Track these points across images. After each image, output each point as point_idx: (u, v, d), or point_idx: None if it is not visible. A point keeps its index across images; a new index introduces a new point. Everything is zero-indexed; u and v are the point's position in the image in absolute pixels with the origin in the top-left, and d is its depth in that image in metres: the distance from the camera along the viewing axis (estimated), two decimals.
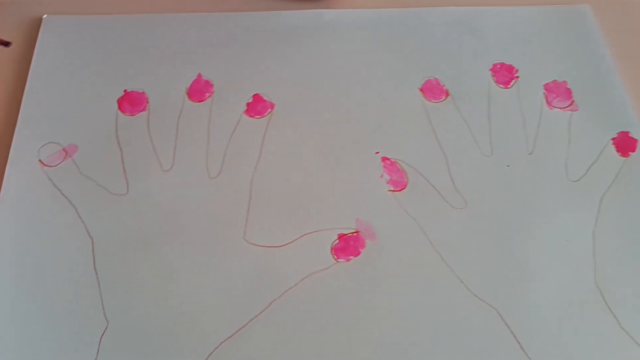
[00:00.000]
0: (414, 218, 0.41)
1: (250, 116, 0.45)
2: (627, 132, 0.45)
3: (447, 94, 0.48)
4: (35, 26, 0.50)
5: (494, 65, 0.49)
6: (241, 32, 0.50)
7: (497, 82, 0.48)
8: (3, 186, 0.41)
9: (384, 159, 0.44)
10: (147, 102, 0.46)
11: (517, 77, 0.49)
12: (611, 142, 0.45)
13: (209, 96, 0.46)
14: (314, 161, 0.43)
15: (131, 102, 0.45)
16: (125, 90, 0.46)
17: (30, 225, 0.40)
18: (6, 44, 0.45)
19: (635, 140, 0.45)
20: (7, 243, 0.39)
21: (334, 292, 0.38)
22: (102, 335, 0.36)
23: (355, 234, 0.40)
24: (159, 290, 0.38)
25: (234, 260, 0.39)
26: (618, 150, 0.45)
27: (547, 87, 0.48)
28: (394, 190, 0.42)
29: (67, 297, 0.38)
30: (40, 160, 0.43)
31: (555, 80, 0.49)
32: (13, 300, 0.37)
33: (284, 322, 0.37)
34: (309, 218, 0.41)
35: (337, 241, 0.40)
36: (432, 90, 0.48)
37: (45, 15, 0.50)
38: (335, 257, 0.39)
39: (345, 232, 0.40)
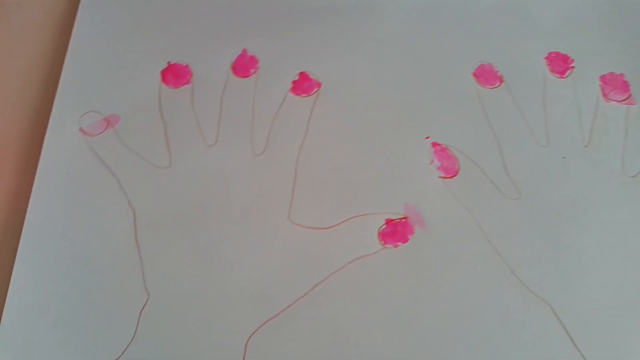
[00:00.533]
0: (466, 206, 0.40)
1: (296, 94, 0.44)
2: None
3: (501, 80, 0.46)
4: None
5: (549, 54, 0.47)
6: (288, 7, 0.48)
7: (552, 71, 0.46)
8: (42, 153, 0.40)
9: (435, 144, 0.42)
10: (191, 75, 0.44)
11: (573, 67, 0.47)
12: None
13: (254, 72, 0.45)
14: (361, 143, 0.42)
15: (175, 74, 0.44)
16: (169, 62, 0.45)
17: (70, 194, 0.39)
18: None
19: None
20: (46, 211, 0.38)
21: (380, 278, 0.37)
22: (142, 308, 0.35)
23: (403, 220, 0.39)
24: (201, 266, 0.37)
25: (278, 240, 0.38)
26: None
27: (604, 79, 0.46)
28: (444, 177, 0.41)
29: (107, 267, 0.37)
30: (81, 128, 0.42)
31: (613, 72, 0.47)
32: (53, 271, 0.36)
33: (328, 306, 0.36)
34: (355, 201, 0.40)
35: (384, 226, 0.39)
36: (486, 75, 0.46)
37: None
38: (383, 242, 0.38)
39: (392, 217, 0.39)
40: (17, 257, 0.36)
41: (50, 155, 0.40)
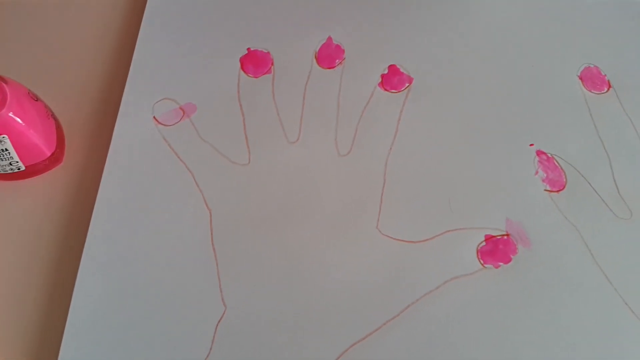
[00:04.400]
0: (574, 224, 0.36)
1: (385, 89, 0.40)
2: None
3: (609, 85, 0.41)
4: None
5: None
6: None
7: None
8: (112, 143, 0.37)
9: (540, 152, 0.38)
10: (272, 63, 0.41)
11: None
12: None
13: (340, 63, 0.41)
14: (457, 147, 0.38)
15: (255, 62, 0.41)
16: (248, 49, 0.41)
17: (141, 188, 0.36)
18: None
19: None
20: (114, 207, 0.35)
21: (479, 302, 0.33)
22: (219, 321, 0.32)
23: (505, 237, 0.35)
24: (282, 276, 0.34)
25: (365, 252, 0.35)
26: None
27: None
28: (550, 191, 0.37)
29: (181, 273, 0.34)
30: (154, 117, 0.38)
31: None
32: (120, 274, 0.34)
33: (421, 330, 0.33)
34: (451, 213, 0.36)
35: (484, 243, 0.35)
36: (593, 79, 0.41)
37: None
38: (482, 261, 0.34)
39: (493, 233, 0.35)
40: (82, 257, 0.33)
41: (121, 145, 0.37)
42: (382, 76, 0.41)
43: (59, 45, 0.42)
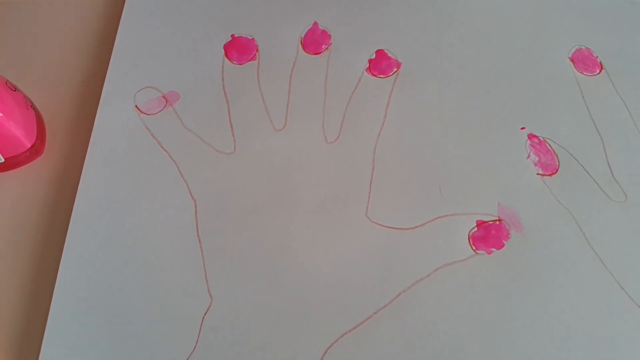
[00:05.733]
0: (567, 209, 0.35)
1: (373, 74, 0.39)
2: None
3: (601, 66, 0.40)
4: None
5: None
6: None
7: None
8: (93, 132, 0.36)
9: (531, 136, 0.37)
10: (257, 50, 0.40)
11: None
12: None
13: (326, 48, 0.40)
14: (447, 132, 0.37)
15: (239, 49, 0.40)
16: (232, 35, 0.40)
17: (123, 179, 0.35)
18: None
19: None
20: (96, 198, 0.34)
21: (471, 288, 0.33)
22: (206, 313, 0.31)
23: (497, 222, 0.34)
24: (269, 266, 0.33)
25: (354, 240, 0.34)
26: None
27: None
28: (542, 174, 0.36)
29: (165, 264, 0.33)
30: (136, 106, 0.37)
31: None
32: (103, 267, 0.33)
33: (412, 318, 0.32)
34: (441, 198, 0.35)
35: (475, 229, 0.34)
36: (584, 61, 0.40)
37: None
38: (474, 247, 0.33)
39: (485, 218, 0.34)
40: (64, 251, 0.32)
41: (102, 135, 0.36)
42: (370, 61, 0.40)
43: (37, 34, 0.41)
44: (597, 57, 0.41)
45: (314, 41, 0.40)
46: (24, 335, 0.32)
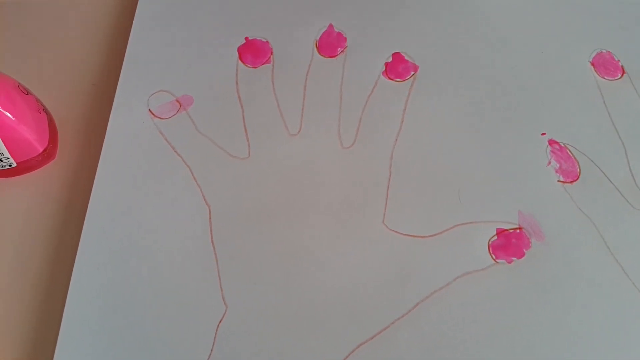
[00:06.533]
0: (589, 217, 0.34)
1: (390, 78, 0.38)
2: None
3: (623, 70, 0.39)
4: None
5: None
6: None
7: None
8: (106, 137, 0.36)
9: (552, 142, 0.36)
10: (272, 53, 0.39)
11: None
12: None
13: (342, 51, 0.39)
14: (465, 137, 0.36)
15: (253, 51, 0.39)
16: (246, 38, 0.40)
17: (137, 184, 0.35)
18: None
19: None
20: (109, 203, 0.34)
21: (492, 299, 0.32)
22: (220, 321, 0.31)
23: (517, 231, 0.33)
24: (285, 274, 0.32)
25: (371, 248, 0.33)
26: None
27: None
28: (564, 182, 0.35)
29: (179, 272, 0.32)
30: (150, 110, 0.37)
31: None
32: (116, 273, 0.32)
33: (431, 329, 0.31)
34: (460, 206, 0.34)
35: (495, 237, 0.33)
36: (606, 65, 0.40)
37: None
38: (494, 256, 0.33)
39: (505, 226, 0.33)
40: (77, 255, 0.32)
41: (115, 140, 0.36)
42: (386, 64, 0.39)
43: (50, 38, 0.41)
44: (619, 61, 0.40)
45: (330, 44, 0.40)
46: (36, 342, 0.32)
